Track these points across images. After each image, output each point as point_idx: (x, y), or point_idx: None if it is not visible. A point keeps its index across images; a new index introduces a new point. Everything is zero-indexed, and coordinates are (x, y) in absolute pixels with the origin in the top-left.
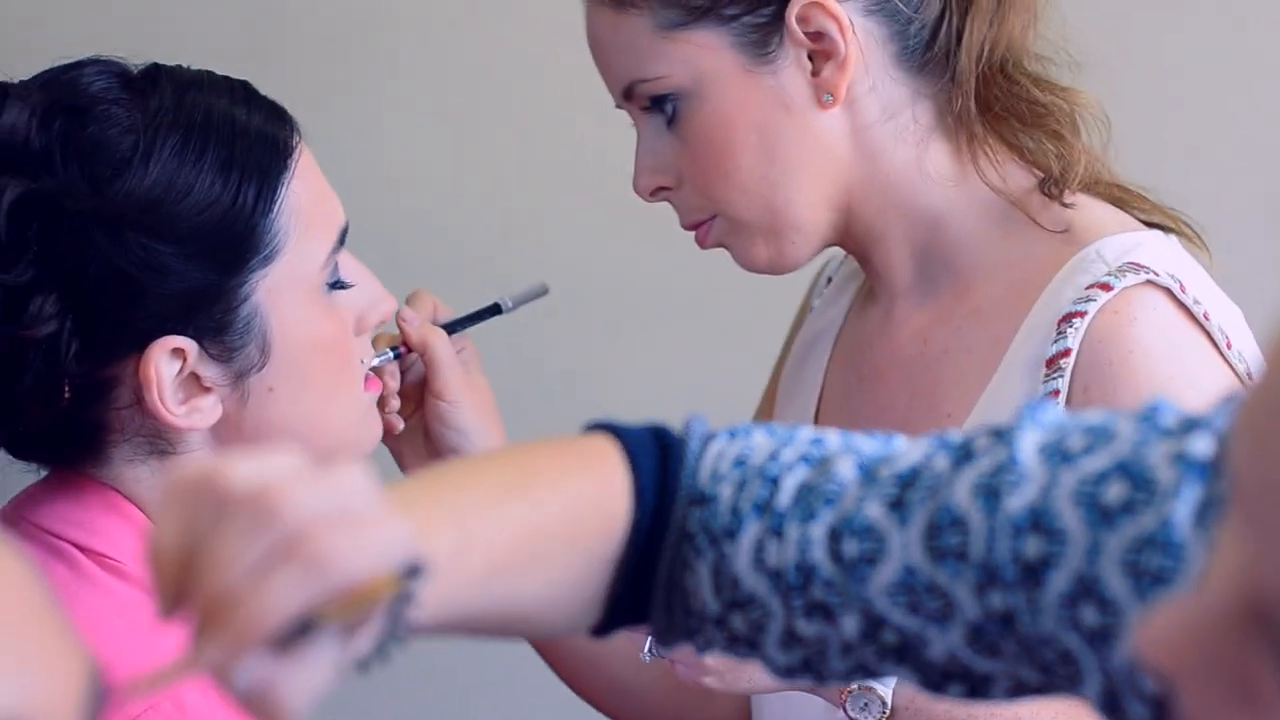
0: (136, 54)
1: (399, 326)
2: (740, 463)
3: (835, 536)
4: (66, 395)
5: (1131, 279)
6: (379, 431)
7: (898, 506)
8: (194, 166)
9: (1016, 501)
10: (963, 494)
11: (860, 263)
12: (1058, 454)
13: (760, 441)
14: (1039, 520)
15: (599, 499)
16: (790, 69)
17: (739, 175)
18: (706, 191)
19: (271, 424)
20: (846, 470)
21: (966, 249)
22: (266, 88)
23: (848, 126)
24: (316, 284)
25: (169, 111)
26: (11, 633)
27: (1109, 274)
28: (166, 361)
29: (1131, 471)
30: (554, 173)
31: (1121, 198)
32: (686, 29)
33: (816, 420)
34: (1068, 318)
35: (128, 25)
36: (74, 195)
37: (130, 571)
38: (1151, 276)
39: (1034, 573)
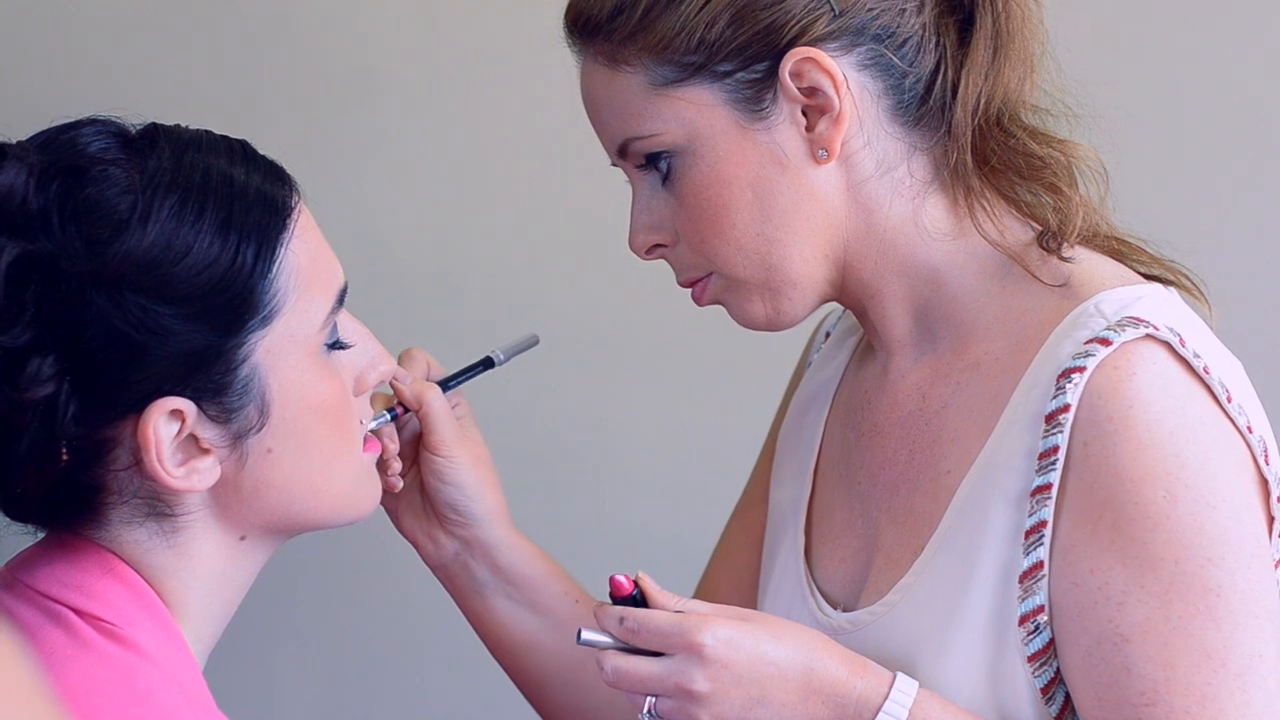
0: (135, 112)
1: (392, 388)
2: None
3: None
4: (64, 457)
5: (1131, 333)
6: (379, 493)
7: None
8: (192, 227)
9: None
10: None
11: (857, 318)
12: None
13: None
14: None
15: None
16: (784, 125)
17: (734, 232)
18: (702, 249)
19: (270, 485)
20: None
21: (964, 304)
22: (265, 147)
23: (843, 182)
24: (316, 344)
25: (167, 172)
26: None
27: (1108, 328)
28: (165, 423)
29: None
30: (547, 227)
31: (1120, 250)
32: (680, 86)
33: (815, 475)
34: (1067, 373)
35: (125, 83)
36: (72, 256)
37: (126, 636)
38: (1151, 331)
39: None
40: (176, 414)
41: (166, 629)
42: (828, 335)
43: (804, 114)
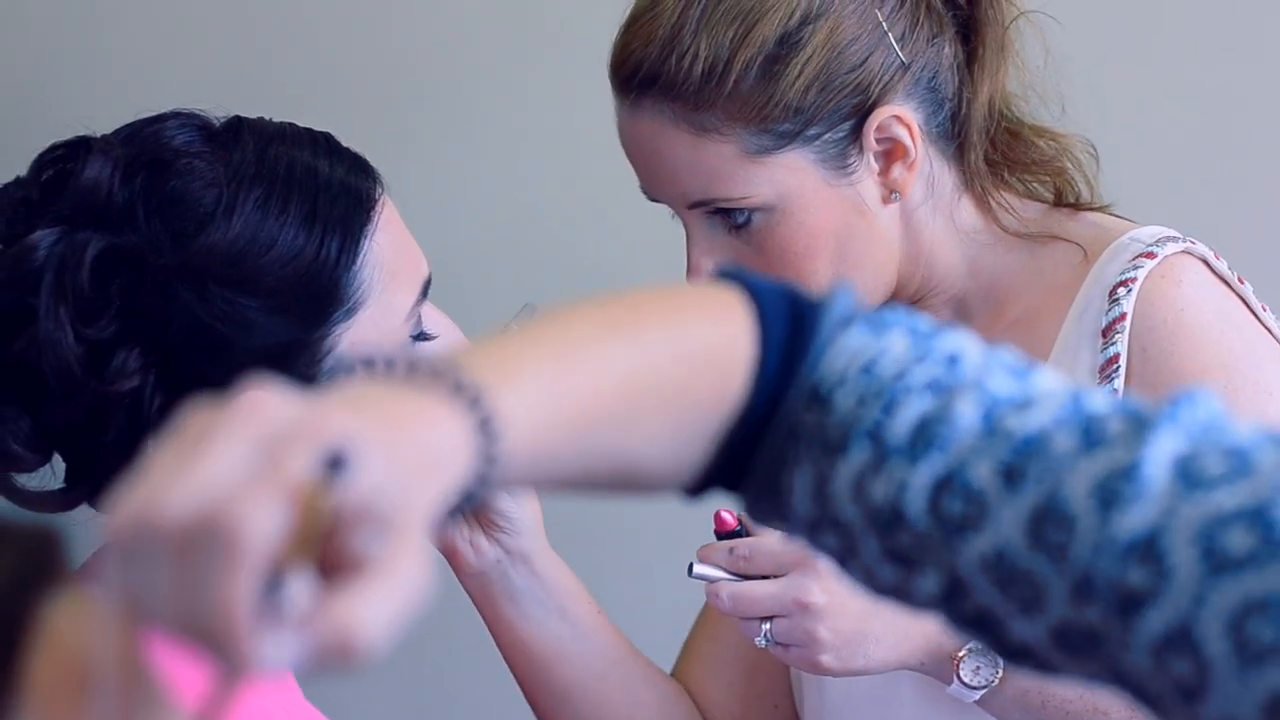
0: (217, 105)
1: None
2: (867, 370)
3: (938, 488)
4: (150, 449)
5: (1173, 247)
6: None
7: (1010, 477)
8: (277, 220)
9: (1131, 521)
10: (1079, 489)
11: None
12: (1189, 477)
13: (895, 347)
14: (1150, 550)
15: (717, 359)
16: (864, 175)
17: (813, 277)
18: None
19: None
20: (968, 414)
21: (999, 279)
22: (348, 138)
23: (899, 213)
24: (401, 336)
25: (251, 165)
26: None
27: (1150, 245)
28: None
29: (1263, 520)
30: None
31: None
32: (774, 153)
33: None
34: (1118, 286)
35: (205, 78)
36: (157, 250)
37: None
38: (1188, 246)
39: (1132, 603)
40: None
41: None
42: None
43: (875, 160)
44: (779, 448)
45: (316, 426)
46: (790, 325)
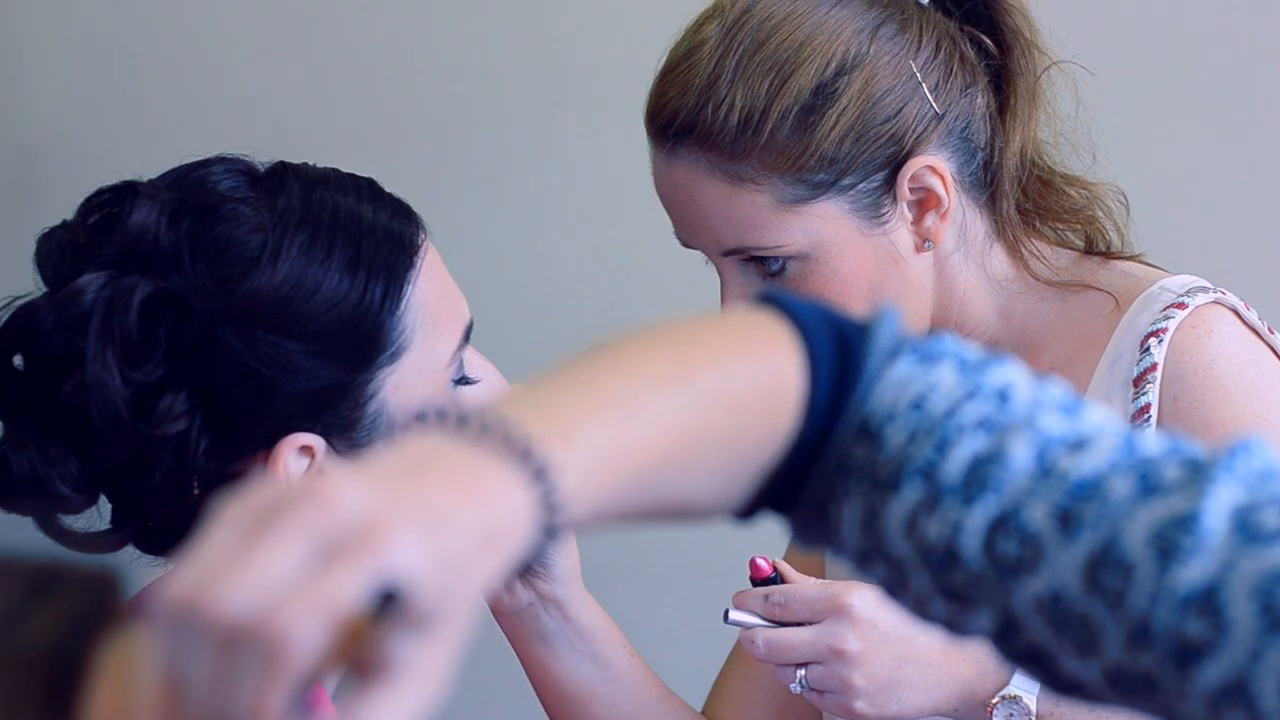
0: (260, 150)
1: None
2: (917, 406)
3: (993, 530)
4: (196, 492)
5: (1203, 298)
6: None
7: (1066, 521)
8: (322, 265)
9: (1190, 572)
10: (1136, 537)
11: None
12: (1247, 529)
13: (945, 381)
14: (1208, 602)
15: (767, 401)
16: (897, 224)
17: None
18: None
19: None
20: (1021, 454)
21: (1031, 325)
22: (390, 183)
23: (931, 261)
24: (443, 380)
25: (296, 210)
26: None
27: (1181, 296)
28: (295, 458)
29: None
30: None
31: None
32: (808, 203)
33: None
34: (1150, 336)
35: (248, 123)
36: (203, 294)
37: None
38: (1219, 297)
39: (1189, 654)
40: (306, 449)
41: None
42: None
43: (908, 208)
44: (828, 479)
45: (376, 538)
46: (838, 356)
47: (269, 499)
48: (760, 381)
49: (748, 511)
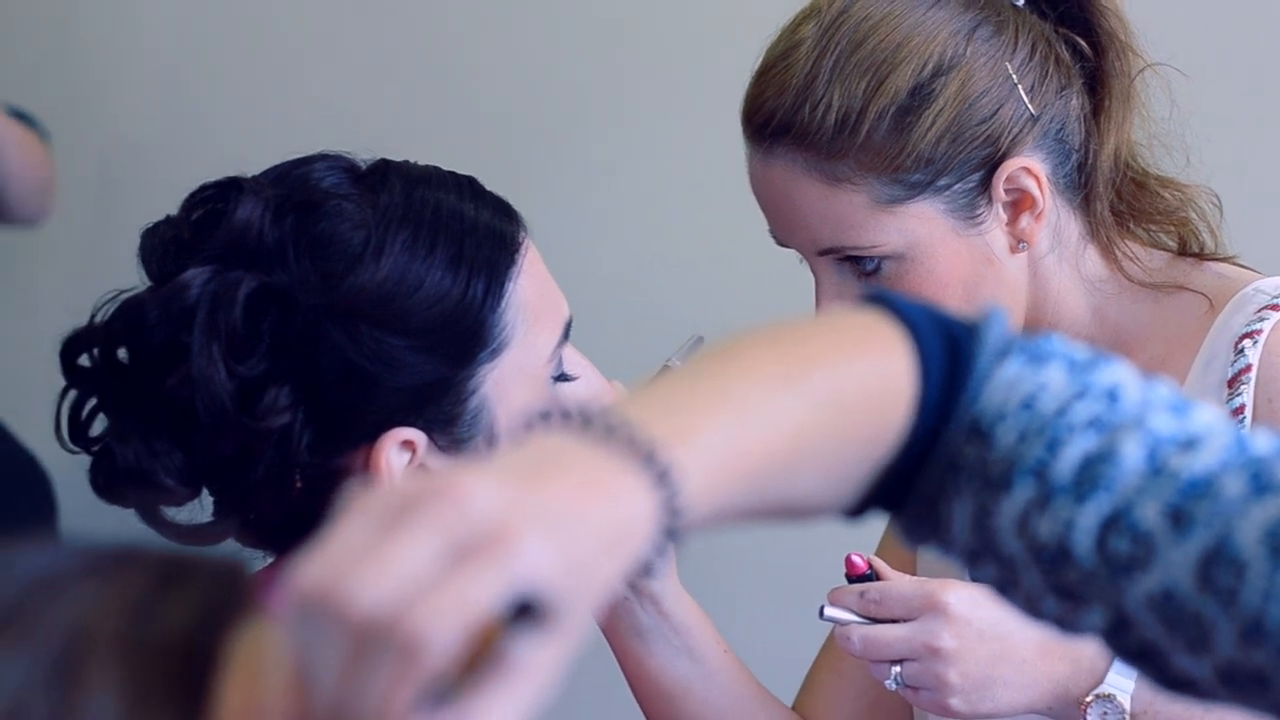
0: (363, 148)
1: None
2: (1028, 405)
3: (1105, 528)
4: (298, 485)
5: None
6: None
7: (1178, 520)
8: (424, 261)
9: None
10: (1249, 536)
11: None
12: None
13: (1055, 381)
14: None
15: (880, 402)
16: (993, 225)
17: None
18: None
19: None
20: (1133, 454)
21: (1125, 327)
22: (489, 181)
23: (1025, 262)
24: (542, 377)
25: (399, 207)
26: None
27: (1275, 298)
28: (397, 453)
29: None
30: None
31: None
32: (905, 203)
33: None
34: (1244, 338)
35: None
36: (307, 289)
37: None
38: None
39: None
40: (408, 444)
41: None
42: None
43: (1003, 209)
44: (939, 478)
45: (510, 542)
46: (947, 356)
47: (401, 493)
48: (873, 381)
49: (858, 510)
